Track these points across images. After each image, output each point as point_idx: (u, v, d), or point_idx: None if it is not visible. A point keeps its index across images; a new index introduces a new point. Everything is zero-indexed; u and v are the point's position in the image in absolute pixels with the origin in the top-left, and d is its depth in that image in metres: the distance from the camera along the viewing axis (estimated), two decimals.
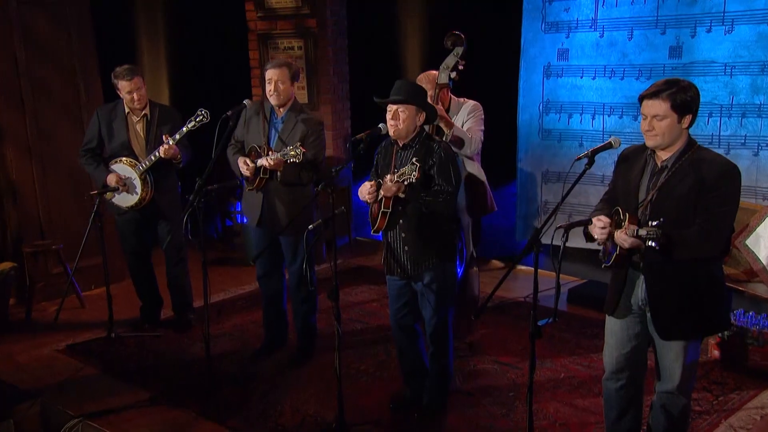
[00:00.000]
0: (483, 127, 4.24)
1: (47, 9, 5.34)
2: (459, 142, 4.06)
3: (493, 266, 5.97)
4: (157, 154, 4.42)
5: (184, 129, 4.28)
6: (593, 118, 5.59)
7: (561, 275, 2.72)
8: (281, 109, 4.06)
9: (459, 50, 4.04)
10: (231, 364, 4.28)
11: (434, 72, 4.13)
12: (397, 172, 3.29)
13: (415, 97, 3.38)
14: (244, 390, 3.94)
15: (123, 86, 4.48)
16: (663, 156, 2.74)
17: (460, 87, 4.36)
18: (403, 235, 3.43)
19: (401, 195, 3.31)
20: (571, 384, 3.91)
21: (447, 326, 3.57)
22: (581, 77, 5.57)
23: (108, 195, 4.64)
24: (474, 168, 4.25)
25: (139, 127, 4.60)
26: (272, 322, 4.40)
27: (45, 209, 5.44)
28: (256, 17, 6.49)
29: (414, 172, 3.18)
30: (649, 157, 2.80)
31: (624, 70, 5.33)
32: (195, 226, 3.81)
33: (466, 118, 4.22)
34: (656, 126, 2.67)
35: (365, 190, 3.43)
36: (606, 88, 5.44)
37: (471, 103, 4.28)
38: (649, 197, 2.71)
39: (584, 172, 2.73)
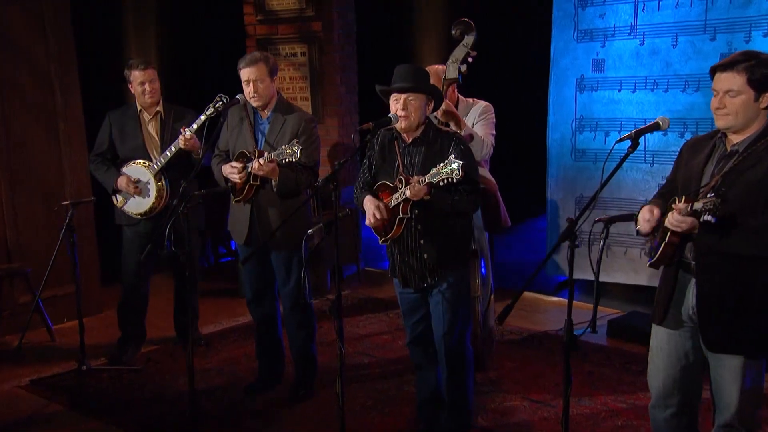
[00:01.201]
0: (495, 132, 4.28)
1: (21, 5, 5.46)
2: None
3: (524, 297, 5.86)
4: (172, 149, 4.49)
5: (203, 117, 4.33)
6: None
7: (599, 307, 2.73)
8: (265, 111, 4.10)
9: (469, 40, 4.05)
10: (219, 400, 4.27)
11: (439, 66, 4.16)
12: (426, 170, 3.28)
13: (424, 83, 3.40)
14: (233, 429, 3.92)
15: (136, 76, 4.64)
16: (735, 139, 2.66)
17: (476, 95, 4.41)
18: (421, 241, 3.44)
19: (425, 198, 3.32)
20: (614, 425, 3.88)
21: (464, 345, 3.56)
22: (619, 90, 5.64)
23: (119, 201, 4.73)
24: (485, 176, 4.24)
25: (153, 127, 4.73)
26: (266, 353, 4.39)
27: (12, 227, 5.48)
28: (255, 21, 6.61)
29: (457, 172, 3.14)
30: (718, 141, 2.73)
31: (668, 82, 5.39)
32: (179, 236, 3.86)
33: (477, 120, 4.26)
34: (728, 103, 2.60)
35: (374, 212, 3.41)
36: (648, 102, 5.50)
37: (482, 103, 4.33)
38: (713, 183, 2.61)
39: (627, 155, 2.69)
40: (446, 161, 3.19)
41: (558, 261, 6.10)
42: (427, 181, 3.26)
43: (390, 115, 3.41)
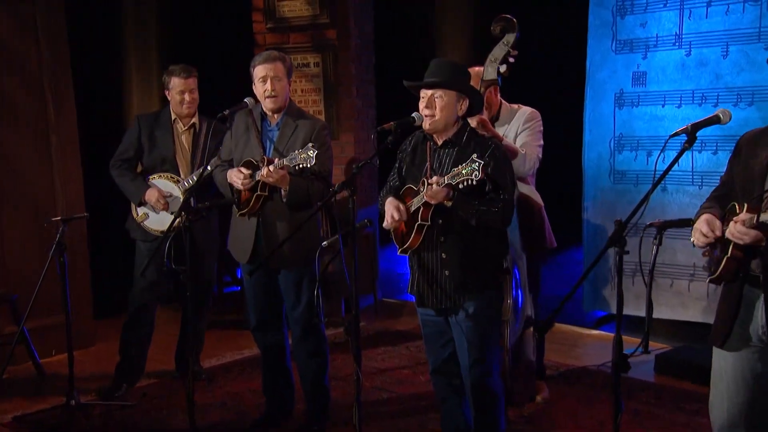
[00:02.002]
0: (542, 142, 4.25)
1: (13, 12, 5.52)
2: None
3: (560, 330, 5.92)
4: (209, 168, 4.45)
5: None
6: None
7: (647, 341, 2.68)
8: (275, 115, 4.12)
9: (510, 38, 4.03)
10: None
11: (478, 68, 4.12)
12: (450, 172, 3.22)
13: (455, 79, 3.37)
14: None
15: (176, 84, 4.72)
16: None
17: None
18: (443, 255, 3.39)
19: (447, 203, 3.27)
20: None
21: (493, 377, 3.50)
22: (663, 105, 5.64)
23: (140, 216, 4.79)
24: (528, 191, 4.23)
25: (186, 139, 4.81)
26: (274, 385, 4.35)
27: None
28: (265, 29, 6.67)
29: (476, 172, 3.09)
30: None
31: (718, 95, 5.38)
32: (180, 253, 3.87)
33: (521, 129, 4.23)
34: None
35: (393, 212, 3.38)
36: (695, 117, 5.40)
37: (527, 110, 4.30)
38: None
39: (682, 152, 2.65)
40: (468, 161, 3.14)
41: (596, 294, 6.06)
42: (446, 182, 3.20)
43: (414, 114, 3.39)
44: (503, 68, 4.07)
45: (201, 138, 4.77)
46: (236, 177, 4.02)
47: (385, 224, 3.46)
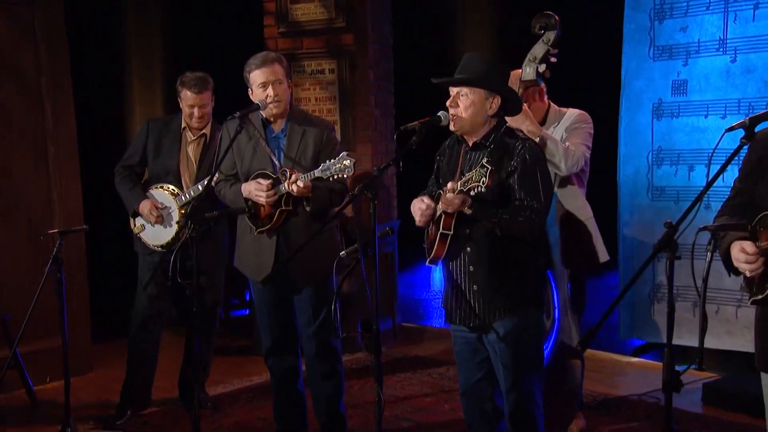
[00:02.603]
0: (589, 144, 4.21)
1: (9, 14, 5.56)
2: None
3: (596, 358, 5.88)
4: (205, 182, 4.50)
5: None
6: (724, 170, 5.62)
7: (692, 370, 2.62)
8: (279, 120, 4.13)
9: (550, 36, 4.01)
10: None
11: (518, 71, 4.07)
12: (463, 178, 3.21)
13: (483, 76, 3.34)
14: None
15: (186, 97, 4.72)
16: None
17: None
18: (470, 268, 3.36)
19: (467, 211, 3.23)
20: None
21: (533, 404, 3.43)
22: (706, 116, 5.61)
23: (136, 227, 4.81)
24: (575, 200, 4.19)
25: (193, 150, 4.80)
26: (286, 411, 4.33)
27: None
28: (277, 33, 6.67)
29: (483, 178, 3.08)
30: None
31: (767, 104, 5.33)
32: (184, 266, 3.85)
33: (568, 130, 4.20)
34: None
35: (418, 205, 3.37)
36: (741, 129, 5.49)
37: (575, 112, 4.27)
38: None
39: (739, 148, 2.59)
40: (479, 165, 3.12)
41: (633, 321, 6.00)
42: (458, 188, 3.17)
43: (440, 113, 3.37)
44: (543, 68, 4.03)
45: (211, 150, 4.74)
46: (258, 191, 4.00)
47: (417, 222, 3.42)
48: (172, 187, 4.74)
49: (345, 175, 3.79)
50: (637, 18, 5.89)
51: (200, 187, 4.58)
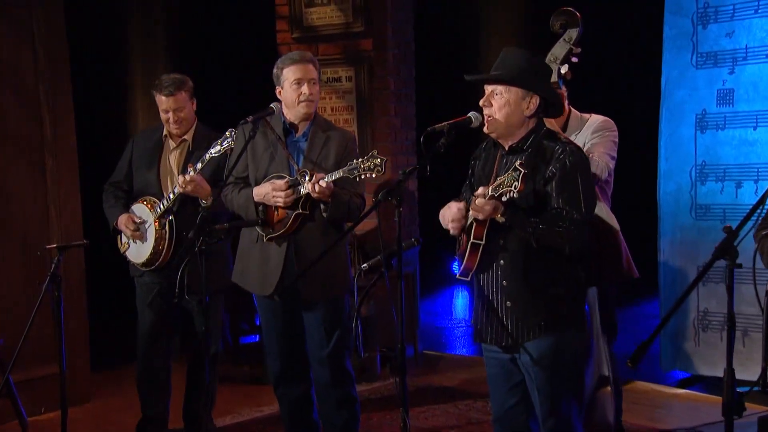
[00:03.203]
0: (614, 154, 4.18)
1: (5, 17, 5.58)
2: None
3: (635, 389, 5.81)
4: (176, 190, 4.53)
5: (207, 156, 4.38)
6: None
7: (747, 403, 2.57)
8: (302, 124, 4.16)
9: (572, 34, 4.00)
10: None
11: None
12: (494, 182, 3.16)
13: (522, 73, 3.30)
14: None
15: (160, 102, 4.73)
16: None
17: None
18: (503, 282, 3.32)
19: (500, 219, 3.20)
20: None
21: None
22: (755, 128, 5.56)
23: (122, 246, 4.80)
24: (599, 212, 4.15)
25: (175, 158, 4.78)
26: None
27: None
28: (291, 39, 6.70)
29: (516, 182, 3.04)
30: None
31: None
32: (194, 283, 3.83)
33: (590, 138, 4.19)
34: None
35: (449, 213, 3.34)
36: None
37: (599, 118, 4.25)
38: None
39: None
40: (511, 168, 3.08)
41: (676, 352, 5.92)
42: (489, 193, 3.13)
43: (470, 113, 3.34)
44: (564, 69, 4.02)
45: (194, 156, 4.70)
46: (276, 191, 3.99)
47: (451, 230, 3.38)
48: (153, 199, 4.72)
49: (374, 175, 3.77)
50: (679, 23, 5.85)
51: (171, 196, 4.56)
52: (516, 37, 7.52)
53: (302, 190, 3.96)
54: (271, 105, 4.15)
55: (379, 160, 3.75)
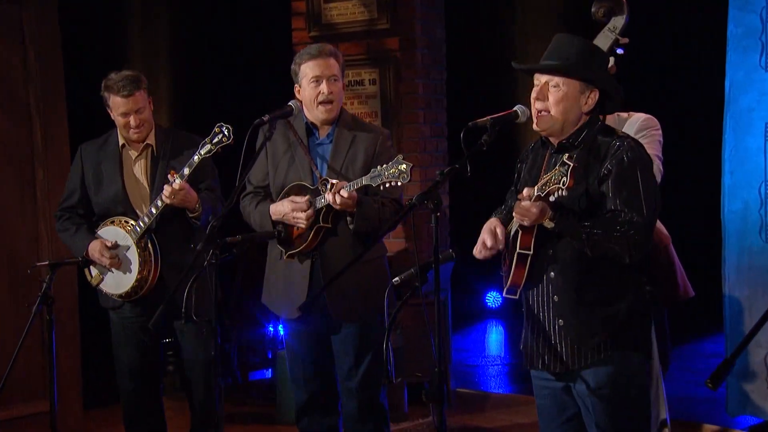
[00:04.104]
0: (661, 155, 4.14)
1: None
2: None
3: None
4: (158, 203, 4.45)
5: (196, 157, 4.33)
6: None
7: None
8: (326, 126, 4.14)
9: (617, 22, 3.99)
10: None
11: None
12: (540, 182, 3.14)
13: (582, 62, 3.29)
14: None
15: (116, 104, 4.59)
16: None
17: None
18: (555, 298, 3.29)
19: (548, 224, 3.17)
20: None
21: None
22: None
23: (93, 277, 4.68)
24: None
25: (141, 168, 4.69)
26: None
27: None
28: (308, 37, 6.70)
29: (564, 178, 3.01)
30: None
31: None
32: (201, 301, 3.81)
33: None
34: None
35: (487, 230, 3.32)
36: None
37: (640, 116, 4.22)
38: None
39: None
40: (558, 167, 3.06)
41: (744, 395, 5.82)
42: (534, 194, 3.11)
43: (517, 107, 3.33)
44: (609, 62, 3.94)
45: (164, 163, 4.64)
46: (296, 211, 3.97)
47: (475, 251, 3.38)
48: (124, 219, 4.61)
49: (399, 183, 3.76)
50: (746, 20, 5.79)
51: (154, 209, 4.47)
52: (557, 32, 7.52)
53: (321, 201, 3.95)
54: (290, 103, 4.14)
55: (404, 166, 3.74)
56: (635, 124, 4.18)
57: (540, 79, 3.31)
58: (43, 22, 5.80)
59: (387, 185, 3.79)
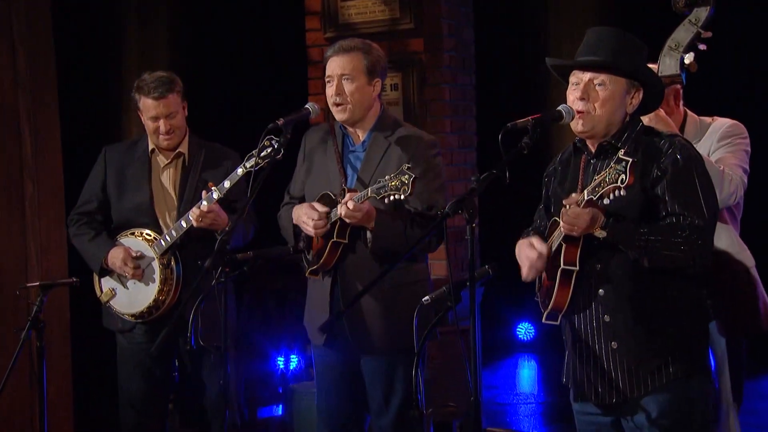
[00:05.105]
0: (746, 166, 4.10)
1: None
2: None
3: None
4: (183, 223, 4.47)
5: (240, 170, 4.26)
6: None
7: None
8: (359, 131, 4.12)
9: (700, 14, 3.90)
10: None
11: (651, 65, 3.90)
12: (591, 183, 3.11)
13: (629, 58, 3.28)
14: None
15: (146, 107, 4.63)
16: None
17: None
18: (605, 318, 3.27)
19: (599, 234, 3.14)
20: None
21: None
22: None
23: (104, 293, 4.68)
24: (729, 241, 4.11)
25: (169, 177, 4.73)
26: None
27: None
28: (323, 39, 6.73)
29: (622, 176, 2.98)
30: None
31: None
32: (209, 326, 3.83)
33: (716, 146, 4.12)
34: None
35: (527, 246, 3.30)
36: None
37: (725, 122, 4.19)
38: None
39: None
40: (612, 165, 3.03)
41: None
42: (585, 198, 3.09)
43: (561, 107, 3.31)
44: (689, 58, 3.94)
45: (193, 173, 4.68)
46: (306, 216, 3.97)
47: (524, 275, 3.35)
48: (146, 231, 4.63)
49: (401, 196, 3.70)
50: None
51: (184, 224, 4.49)
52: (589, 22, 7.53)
53: (333, 214, 3.94)
54: (306, 105, 4.14)
55: (407, 177, 3.67)
56: (718, 130, 4.15)
57: (581, 77, 3.31)
58: (35, 21, 5.83)
59: (391, 198, 3.73)
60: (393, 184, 3.71)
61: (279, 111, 4.25)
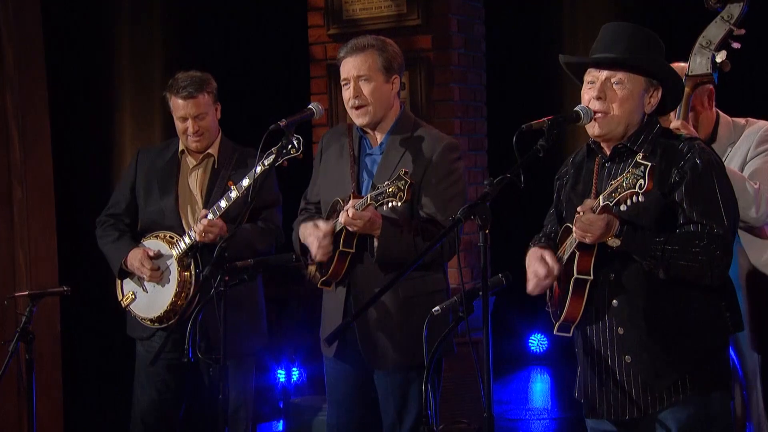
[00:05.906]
0: None
1: None
2: None
3: None
4: (193, 235, 4.52)
5: (259, 168, 4.24)
6: None
7: None
8: (377, 133, 4.07)
9: (734, 10, 3.86)
10: None
11: (679, 63, 3.96)
12: (607, 188, 3.09)
13: (648, 54, 3.26)
14: None
15: (175, 106, 4.70)
16: None
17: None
18: (619, 330, 3.27)
19: (612, 242, 3.13)
20: None
21: None
22: None
23: (126, 297, 4.74)
24: (759, 257, 4.10)
25: (197, 179, 4.78)
26: None
27: None
28: (326, 36, 6.79)
29: (641, 180, 2.95)
30: None
31: None
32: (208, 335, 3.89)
33: (753, 153, 4.09)
34: None
35: (536, 259, 3.27)
36: None
37: (762, 125, 4.15)
38: None
39: None
40: (632, 164, 3.00)
41: None
42: (600, 203, 3.08)
43: (578, 107, 3.29)
44: (721, 57, 3.92)
45: (222, 176, 4.72)
46: (312, 237, 3.95)
47: (529, 288, 3.36)
48: (169, 234, 4.69)
49: (398, 203, 3.68)
50: None
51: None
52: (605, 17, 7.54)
53: (337, 223, 3.92)
54: (310, 105, 4.14)
55: (402, 182, 3.65)
56: (755, 134, 4.11)
57: (598, 75, 3.28)
58: (23, 19, 5.86)
59: (388, 205, 3.71)
60: (390, 190, 3.68)
61: (280, 110, 4.28)
